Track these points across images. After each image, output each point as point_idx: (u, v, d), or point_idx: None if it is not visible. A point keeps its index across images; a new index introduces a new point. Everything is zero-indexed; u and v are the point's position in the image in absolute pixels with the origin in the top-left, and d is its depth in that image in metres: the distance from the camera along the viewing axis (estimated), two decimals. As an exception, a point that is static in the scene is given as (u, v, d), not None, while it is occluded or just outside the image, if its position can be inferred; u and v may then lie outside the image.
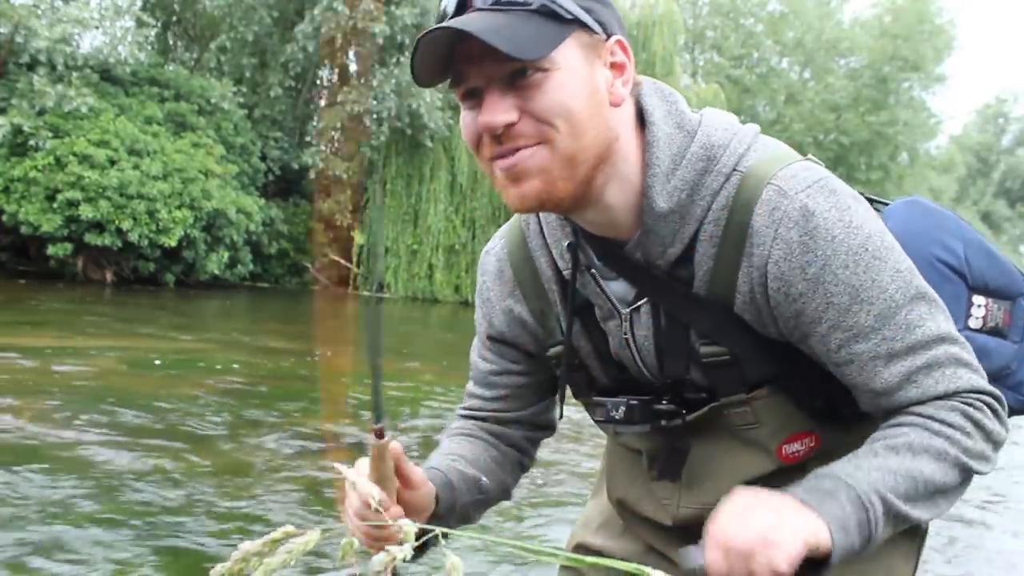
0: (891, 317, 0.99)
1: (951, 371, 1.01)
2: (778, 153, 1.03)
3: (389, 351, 10.93)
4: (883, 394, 1.02)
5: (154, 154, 15.79)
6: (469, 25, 0.89)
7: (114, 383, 6.34)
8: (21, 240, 15.63)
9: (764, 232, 0.98)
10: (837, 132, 32.87)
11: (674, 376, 1.10)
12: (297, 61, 20.55)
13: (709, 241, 1.01)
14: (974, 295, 1.14)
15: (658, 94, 1.05)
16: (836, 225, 0.97)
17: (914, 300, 1.00)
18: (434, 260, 20.69)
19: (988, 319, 1.15)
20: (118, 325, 10.48)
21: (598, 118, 0.96)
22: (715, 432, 1.10)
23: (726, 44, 33.44)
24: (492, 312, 1.24)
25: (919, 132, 34.65)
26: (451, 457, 1.21)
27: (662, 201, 1.00)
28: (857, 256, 0.97)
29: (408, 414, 6.32)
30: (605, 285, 1.10)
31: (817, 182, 0.99)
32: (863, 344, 0.99)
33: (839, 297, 0.98)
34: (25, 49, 15.21)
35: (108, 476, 4.03)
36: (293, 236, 20.21)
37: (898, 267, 1.00)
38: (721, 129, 1.03)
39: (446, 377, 8.85)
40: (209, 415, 5.62)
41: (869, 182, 33.06)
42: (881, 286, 0.98)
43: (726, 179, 1.00)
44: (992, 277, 1.16)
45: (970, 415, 1.01)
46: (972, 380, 1.02)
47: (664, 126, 1.01)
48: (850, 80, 33.36)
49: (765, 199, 0.98)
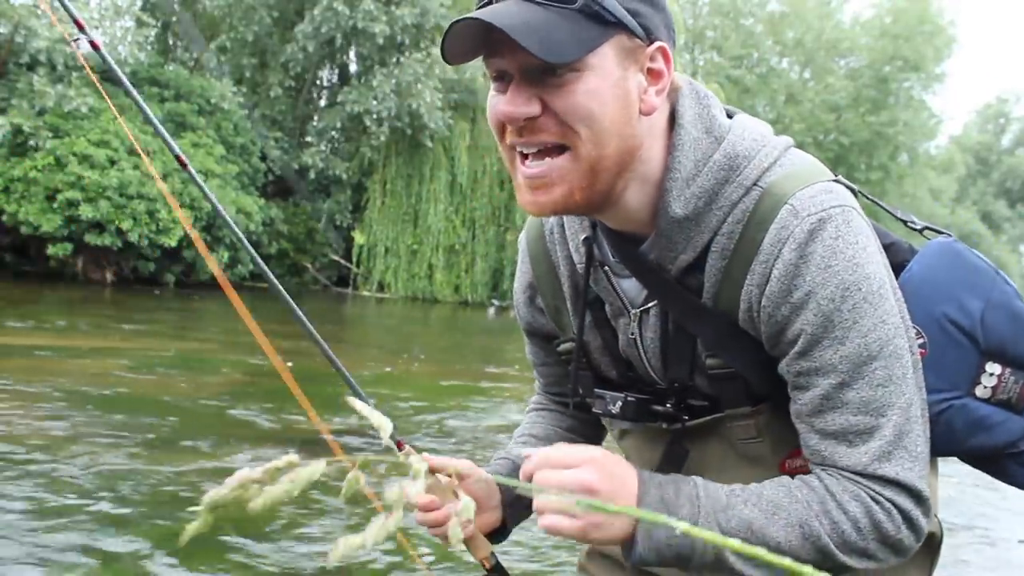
0: (858, 365, 0.94)
1: (887, 450, 0.95)
2: (805, 171, 0.99)
3: (390, 351, 10.92)
4: (817, 435, 0.98)
5: (154, 154, 15.79)
6: (505, 18, 0.87)
7: (114, 383, 6.34)
8: (21, 240, 15.63)
9: (769, 250, 0.96)
10: (837, 132, 32.86)
11: (677, 380, 1.09)
12: (297, 61, 20.56)
13: (720, 253, 0.99)
14: (988, 362, 1.04)
15: (693, 96, 1.02)
16: (835, 256, 0.94)
17: (890, 358, 0.95)
18: (434, 260, 20.68)
19: (1000, 390, 1.04)
20: (118, 325, 10.47)
21: (624, 126, 0.94)
22: (715, 441, 1.10)
23: (726, 44, 33.41)
24: (519, 306, 1.27)
25: (919, 132, 34.64)
26: (521, 440, 1.26)
27: (678, 207, 0.98)
28: (847, 292, 0.94)
29: (410, 414, 6.32)
30: (617, 283, 1.09)
31: (832, 208, 0.95)
32: (821, 379, 0.96)
33: (815, 327, 0.95)
34: (25, 49, 15.21)
35: (107, 476, 4.02)
36: (293, 236, 20.20)
37: (885, 318, 0.95)
38: (749, 139, 1.00)
39: (446, 377, 8.84)
40: (209, 415, 5.61)
41: (869, 182, 33.05)
42: (860, 330, 0.94)
43: (746, 192, 0.98)
44: (1011, 346, 1.04)
45: (871, 512, 0.95)
46: (901, 471, 0.95)
47: (692, 130, 0.99)
48: (850, 80, 33.35)
49: (779, 219, 0.95)
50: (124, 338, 9.17)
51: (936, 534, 1.18)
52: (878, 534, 0.96)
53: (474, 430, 6.03)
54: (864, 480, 0.96)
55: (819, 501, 0.96)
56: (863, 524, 0.95)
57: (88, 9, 16.21)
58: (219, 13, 20.90)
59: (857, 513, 0.95)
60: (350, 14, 18.98)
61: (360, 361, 9.77)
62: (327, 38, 19.98)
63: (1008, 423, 1.04)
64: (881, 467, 0.95)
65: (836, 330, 0.94)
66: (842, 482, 0.97)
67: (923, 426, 0.97)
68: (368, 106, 19.55)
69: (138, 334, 9.69)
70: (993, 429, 1.03)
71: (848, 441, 0.96)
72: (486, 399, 7.35)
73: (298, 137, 21.79)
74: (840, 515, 0.95)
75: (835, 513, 0.95)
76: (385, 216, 20.59)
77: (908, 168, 35.44)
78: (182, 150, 1.53)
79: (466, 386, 8.11)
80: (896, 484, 0.95)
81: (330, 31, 19.54)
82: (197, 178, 1.59)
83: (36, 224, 14.74)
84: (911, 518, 0.96)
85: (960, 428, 1.03)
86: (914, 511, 0.96)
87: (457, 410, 6.73)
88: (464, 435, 5.82)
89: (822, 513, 0.95)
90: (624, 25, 0.91)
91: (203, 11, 21.57)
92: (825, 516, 0.95)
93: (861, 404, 0.95)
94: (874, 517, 0.95)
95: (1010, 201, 53.81)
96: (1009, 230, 53.11)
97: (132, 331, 9.94)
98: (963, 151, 48.11)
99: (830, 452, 0.97)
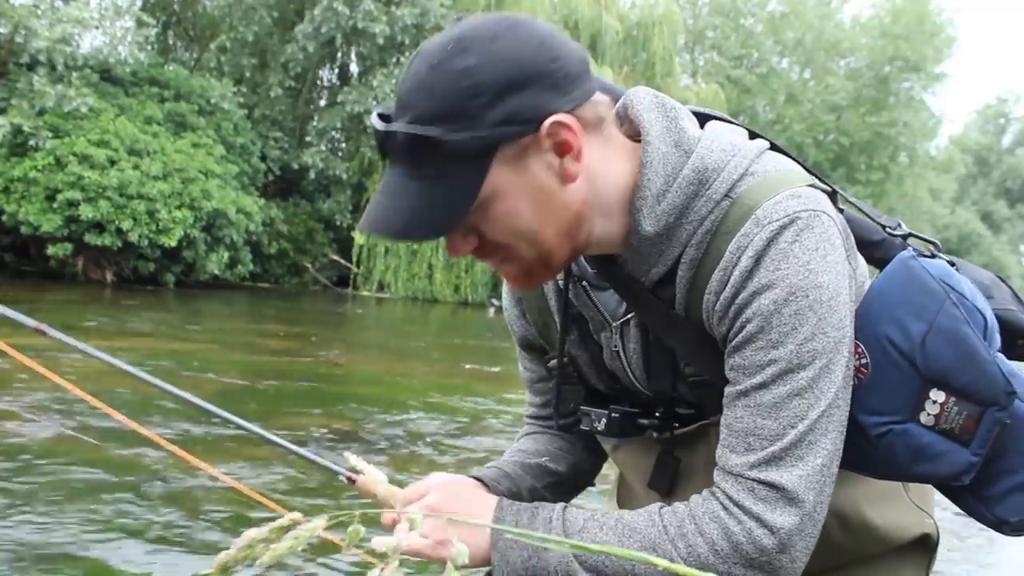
0: (785, 372, 0.91)
1: (778, 458, 0.91)
2: (776, 178, 0.97)
3: (389, 352, 10.93)
4: (725, 429, 0.96)
5: (154, 154, 15.81)
6: (382, 221, 0.92)
7: (113, 383, 6.34)
8: (21, 240, 15.64)
9: (728, 258, 0.95)
10: (837, 132, 32.89)
11: (661, 390, 1.10)
12: (297, 61, 20.57)
13: (689, 264, 0.99)
14: (933, 388, 0.95)
15: (659, 109, 1.00)
16: (787, 259, 0.92)
17: (820, 371, 0.91)
18: (434, 260, 20.69)
19: (942, 419, 0.95)
20: (118, 325, 10.48)
21: (552, 211, 0.94)
22: (704, 447, 1.10)
23: (726, 44, 33.46)
24: (512, 321, 1.27)
25: (919, 133, 34.68)
26: (510, 453, 1.26)
27: (648, 225, 0.98)
28: (792, 296, 0.91)
29: (410, 414, 6.32)
30: (597, 297, 1.10)
31: (796, 214, 0.93)
32: (745, 377, 0.94)
33: (754, 326, 0.92)
34: (25, 49, 15.22)
35: (106, 476, 4.03)
36: (293, 236, 20.22)
37: (827, 329, 0.92)
38: (719, 151, 0.98)
39: (445, 377, 8.84)
40: (205, 416, 5.61)
41: (869, 182, 33.10)
42: (796, 337, 0.91)
43: (716, 205, 0.96)
44: (956, 375, 0.94)
45: (730, 535, 0.92)
46: (787, 480, 0.91)
47: (661, 145, 0.98)
48: (850, 80, 33.39)
49: (743, 228, 0.94)
50: (124, 338, 9.17)
51: (932, 535, 1.17)
52: (740, 557, 0.92)
53: (475, 430, 6.04)
54: (743, 482, 0.93)
55: (677, 524, 0.95)
56: (721, 547, 0.92)
57: (88, 9, 16.23)
58: (219, 13, 20.92)
59: (715, 535, 0.92)
60: (350, 14, 19.00)
61: (360, 361, 9.78)
62: (327, 38, 20.00)
63: (951, 454, 0.96)
64: (763, 474, 0.92)
65: (772, 332, 0.92)
66: (708, 501, 0.95)
67: (833, 442, 0.93)
68: (368, 106, 19.54)
69: (138, 334, 9.69)
70: (935, 459, 0.97)
71: (747, 444, 0.93)
72: (486, 399, 7.36)
73: (298, 137, 21.81)
74: (696, 538, 0.93)
75: (691, 537, 0.93)
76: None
77: (908, 168, 35.46)
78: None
79: (466, 386, 8.11)
80: (776, 488, 0.91)
81: (330, 31, 19.56)
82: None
83: (36, 224, 14.74)
84: (782, 542, 0.91)
85: (902, 453, 0.98)
86: (786, 526, 0.91)
87: (458, 410, 6.73)
88: (464, 435, 5.82)
89: (678, 536, 0.94)
90: (503, 139, 0.89)
91: (203, 11, 21.60)
92: (681, 540, 0.94)
93: (773, 409, 0.92)
94: (733, 539, 0.92)
95: (1010, 201, 53.84)
96: (1009, 230, 53.13)
97: (132, 331, 9.95)
98: (963, 151, 48.14)
99: (725, 449, 0.95)
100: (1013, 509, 0.97)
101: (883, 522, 1.13)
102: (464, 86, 0.86)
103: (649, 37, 22.24)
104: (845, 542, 1.12)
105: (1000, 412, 0.93)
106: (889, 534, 1.13)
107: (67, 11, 15.65)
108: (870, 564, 1.15)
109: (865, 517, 1.12)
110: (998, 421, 0.93)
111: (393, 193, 0.92)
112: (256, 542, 0.56)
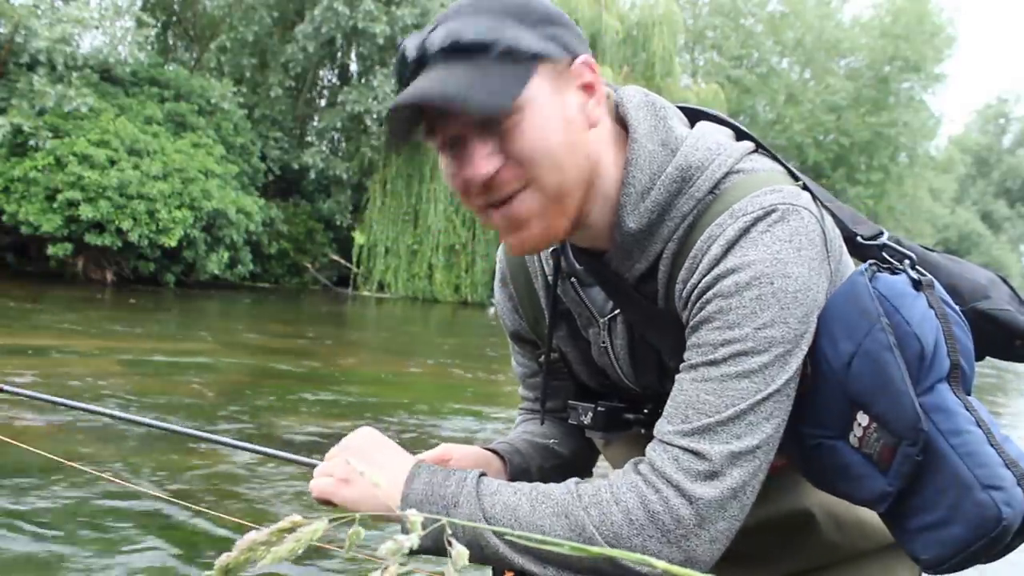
0: (737, 354, 0.90)
1: (711, 430, 0.89)
2: (759, 177, 0.97)
3: (389, 352, 10.93)
4: (670, 401, 0.94)
5: (154, 154, 15.81)
6: (430, 89, 0.90)
7: (113, 383, 6.35)
8: (21, 240, 15.65)
9: (700, 247, 0.95)
10: (837, 133, 32.89)
11: (648, 386, 1.11)
12: (297, 61, 20.58)
13: (669, 259, 0.99)
14: (858, 410, 0.93)
15: (647, 107, 1.02)
16: (756, 247, 0.91)
17: (772, 360, 0.90)
18: (434, 260, 20.71)
19: (865, 443, 0.93)
20: (118, 325, 10.48)
21: (578, 146, 0.95)
22: None
23: (726, 44, 33.46)
24: (504, 315, 1.28)
25: (919, 133, 34.67)
26: (518, 434, 1.27)
27: (632, 221, 0.99)
28: (755, 280, 0.90)
29: (410, 414, 6.32)
30: (585, 293, 1.11)
31: (773, 206, 0.92)
32: (696, 355, 0.93)
33: (714, 307, 0.91)
34: (25, 49, 15.23)
35: (104, 476, 4.03)
36: (293, 236, 20.23)
37: (789, 320, 0.90)
38: (703, 149, 0.99)
39: (445, 378, 8.85)
40: (208, 415, 5.62)
41: (869, 182, 33.11)
42: (754, 322, 0.89)
43: (698, 202, 0.97)
44: (875, 401, 0.91)
45: (647, 503, 0.88)
46: (715, 452, 0.88)
47: (648, 143, 0.99)
48: (850, 80, 33.39)
49: (717, 220, 0.94)
50: (124, 338, 9.18)
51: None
52: (655, 528, 0.88)
53: (475, 429, 6.04)
54: (669, 449, 0.90)
55: (593, 492, 0.91)
56: (636, 516, 0.88)
57: (88, 9, 16.24)
58: (219, 13, 20.92)
59: (630, 504, 0.89)
60: (350, 14, 19.00)
61: (360, 361, 9.78)
62: (327, 38, 20.01)
63: (869, 479, 0.93)
64: (694, 440, 0.89)
65: (731, 314, 0.90)
66: (628, 472, 0.93)
67: (775, 429, 0.91)
68: (368, 106, 19.58)
69: (138, 334, 9.70)
70: (856, 481, 0.95)
71: (684, 415, 0.91)
72: (486, 399, 7.36)
73: (298, 137, 21.82)
74: (611, 507, 0.89)
75: (606, 505, 0.90)
76: (385, 216, 20.62)
77: (908, 168, 35.46)
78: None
79: (466, 386, 8.12)
80: (701, 457, 0.88)
81: (330, 31, 19.57)
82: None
83: (36, 224, 14.75)
84: (700, 510, 0.88)
85: (828, 469, 0.97)
86: (705, 496, 0.88)
87: (458, 410, 6.73)
88: (464, 435, 5.82)
89: (592, 504, 0.90)
90: (545, 55, 0.93)
91: (203, 11, 21.60)
92: (595, 507, 0.90)
93: (719, 385, 0.90)
94: (649, 507, 0.88)
95: (1010, 201, 53.87)
96: (1009, 230, 53.16)
97: (132, 331, 9.95)
98: (963, 151, 48.17)
99: (663, 420, 0.94)
100: (924, 547, 0.93)
101: (876, 519, 1.12)
102: (514, 5, 0.94)
103: (649, 37, 22.24)
104: (839, 539, 1.12)
105: (910, 447, 0.89)
106: (882, 531, 1.12)
107: (67, 11, 15.65)
108: (863, 561, 1.15)
109: (858, 514, 1.12)
110: (908, 456, 0.89)
111: (437, 77, 0.91)
112: (257, 544, 0.56)
